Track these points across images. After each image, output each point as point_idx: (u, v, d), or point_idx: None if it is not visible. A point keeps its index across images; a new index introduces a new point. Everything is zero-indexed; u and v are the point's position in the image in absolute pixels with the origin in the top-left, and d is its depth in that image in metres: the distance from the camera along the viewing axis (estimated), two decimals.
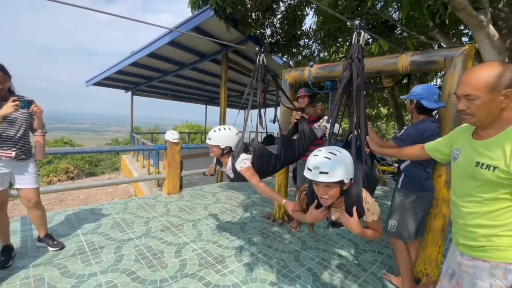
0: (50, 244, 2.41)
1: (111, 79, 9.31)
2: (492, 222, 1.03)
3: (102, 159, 18.06)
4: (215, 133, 2.13)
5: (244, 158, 2.09)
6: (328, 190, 1.34)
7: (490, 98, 1.00)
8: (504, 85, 0.98)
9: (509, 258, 0.98)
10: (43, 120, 2.25)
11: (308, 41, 6.44)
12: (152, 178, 4.85)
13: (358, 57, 1.67)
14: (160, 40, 5.84)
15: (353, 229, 1.39)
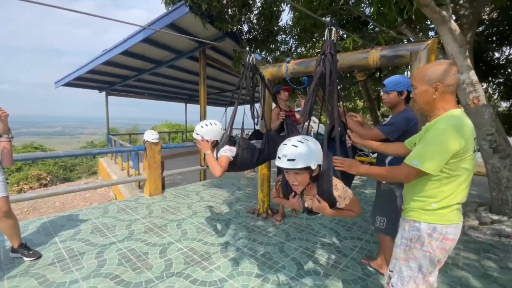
0: (26, 254, 2.31)
1: (82, 79, 8.88)
2: (412, 189, 1.30)
3: (78, 163, 17.23)
4: (202, 128, 2.23)
5: (226, 148, 2.19)
6: (297, 176, 1.41)
7: (424, 88, 1.25)
8: (436, 79, 1.21)
9: (415, 216, 1.26)
10: (8, 125, 2.15)
11: (285, 37, 6.52)
12: (132, 180, 4.73)
13: (330, 52, 1.74)
14: (133, 38, 5.66)
15: (325, 214, 1.50)
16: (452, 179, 1.18)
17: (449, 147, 1.12)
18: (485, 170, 3.57)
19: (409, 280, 1.27)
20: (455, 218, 1.22)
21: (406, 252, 1.29)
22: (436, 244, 1.21)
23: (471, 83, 3.29)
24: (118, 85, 9.76)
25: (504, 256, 2.52)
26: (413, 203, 1.28)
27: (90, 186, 3.98)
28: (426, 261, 1.23)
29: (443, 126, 1.16)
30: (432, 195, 1.21)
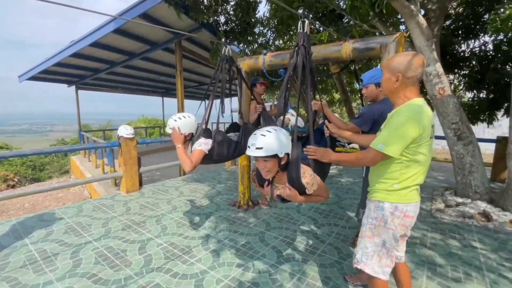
0: None
1: (49, 72, 8.32)
2: (376, 171, 1.40)
3: (48, 162, 16.28)
4: (175, 122, 2.17)
5: (201, 141, 2.16)
6: (266, 164, 1.49)
7: (388, 77, 1.33)
8: (398, 70, 1.29)
9: (379, 197, 1.36)
10: None
11: (262, 29, 6.49)
12: (107, 177, 4.56)
13: (304, 45, 1.76)
14: (103, 28, 5.36)
15: (294, 200, 1.58)
16: (412, 163, 1.28)
17: (409, 133, 1.21)
18: (450, 156, 3.84)
19: (373, 254, 1.38)
20: (414, 197, 1.33)
21: (371, 230, 1.39)
22: (398, 221, 1.32)
23: (437, 75, 3.48)
24: (89, 78, 9.26)
25: (467, 235, 2.75)
26: (378, 185, 1.38)
27: (62, 185, 3.79)
28: (389, 237, 1.34)
29: (404, 113, 1.24)
30: (394, 177, 1.31)
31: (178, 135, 2.11)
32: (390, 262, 1.38)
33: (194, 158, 2.08)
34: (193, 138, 2.26)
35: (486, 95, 5.04)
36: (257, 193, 4.01)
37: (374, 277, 1.38)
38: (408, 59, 1.28)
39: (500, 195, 3.46)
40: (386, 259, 1.37)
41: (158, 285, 1.94)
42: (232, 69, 2.67)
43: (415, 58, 1.27)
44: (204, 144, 2.16)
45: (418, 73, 1.27)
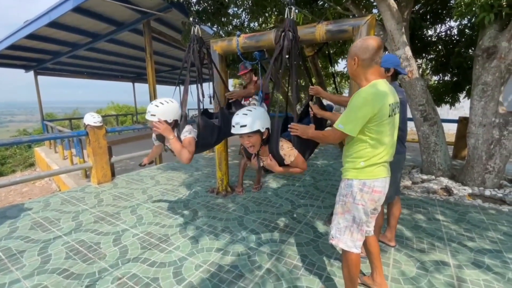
0: None
1: (2, 56, 7.51)
2: (346, 152, 1.47)
3: (9, 155, 15.03)
4: (157, 108, 1.99)
5: (188, 128, 2.13)
6: (250, 139, 1.72)
7: (349, 61, 1.42)
8: (355, 53, 1.35)
9: (348, 175, 1.44)
10: None
11: (236, 10, 6.25)
12: (75, 168, 4.30)
13: (289, 30, 1.86)
14: (61, 7, 4.89)
15: (275, 170, 1.82)
16: (375, 141, 1.35)
17: (364, 113, 1.28)
18: (417, 136, 4.07)
19: (345, 230, 1.45)
20: (381, 173, 1.40)
21: (342, 207, 1.46)
22: (367, 197, 1.39)
23: (406, 58, 3.60)
24: (49, 62, 8.50)
25: (431, 209, 2.96)
26: (346, 164, 1.46)
27: (25, 178, 3.52)
28: (359, 213, 1.41)
29: (361, 94, 1.31)
30: (360, 156, 1.38)
31: (166, 126, 1.97)
32: (360, 236, 1.45)
33: (190, 148, 2.03)
34: (178, 125, 2.13)
35: (450, 78, 5.33)
36: (236, 178, 4.01)
37: (347, 251, 1.45)
38: (363, 42, 1.34)
39: (460, 171, 3.76)
40: (357, 233, 1.43)
41: (135, 275, 1.90)
42: (203, 51, 2.54)
43: (370, 40, 1.32)
44: (192, 131, 2.11)
45: (373, 55, 1.31)
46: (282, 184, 3.74)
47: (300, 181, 3.89)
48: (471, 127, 3.51)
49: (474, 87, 3.43)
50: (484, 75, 3.30)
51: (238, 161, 5.06)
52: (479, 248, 2.20)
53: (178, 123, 2.14)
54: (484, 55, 3.27)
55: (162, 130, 1.98)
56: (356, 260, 1.45)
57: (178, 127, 2.15)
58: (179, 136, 2.11)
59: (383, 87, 1.32)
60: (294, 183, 3.80)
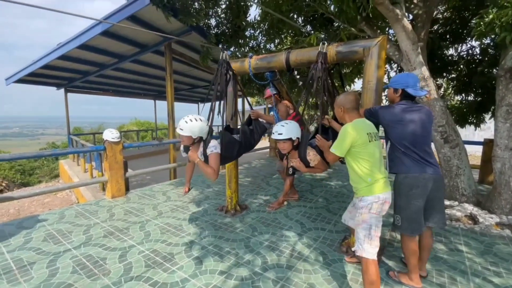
0: None
1: (36, 75, 8.18)
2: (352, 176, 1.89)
3: (37, 166, 15.96)
4: (186, 124, 2.30)
5: (214, 144, 2.44)
6: (284, 144, 2.33)
7: (337, 108, 1.97)
8: (341, 103, 1.92)
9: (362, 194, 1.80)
10: None
11: (253, 32, 6.48)
12: (92, 182, 4.45)
13: (321, 61, 2.31)
14: (91, 31, 5.29)
15: (301, 170, 2.38)
16: (365, 161, 1.77)
17: (347, 140, 1.77)
18: (438, 159, 3.86)
19: (364, 239, 1.74)
20: (387, 187, 1.80)
21: (359, 219, 1.79)
22: (381, 207, 1.76)
23: (423, 78, 3.50)
24: (78, 81, 9.12)
25: (453, 238, 2.74)
26: (356, 185, 1.85)
27: (45, 189, 3.68)
28: (373, 220, 1.74)
29: (346, 128, 1.79)
30: (365, 174, 1.78)
31: (194, 153, 2.36)
32: (377, 243, 1.74)
33: (215, 165, 2.36)
34: (203, 141, 2.43)
35: (474, 98, 5.10)
36: (246, 197, 3.96)
37: (367, 260, 1.71)
38: (346, 97, 1.91)
39: (487, 198, 3.48)
40: (375, 240, 1.73)
41: None
42: (229, 74, 2.89)
43: (350, 95, 1.92)
44: (218, 146, 2.43)
45: (353, 104, 1.89)
46: (293, 205, 3.63)
47: (312, 202, 3.76)
48: (496, 151, 3.28)
49: (498, 109, 3.25)
50: (508, 96, 3.12)
51: (249, 179, 5.02)
52: (507, 285, 1.98)
53: (203, 139, 2.44)
54: (507, 75, 3.12)
55: (190, 156, 2.37)
56: (376, 266, 1.71)
57: (204, 142, 2.44)
58: (205, 150, 2.40)
59: (360, 123, 1.83)
60: (305, 204, 3.68)
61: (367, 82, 2.18)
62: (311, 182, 4.75)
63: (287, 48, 6.17)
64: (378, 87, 2.19)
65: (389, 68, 5.90)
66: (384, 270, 2.18)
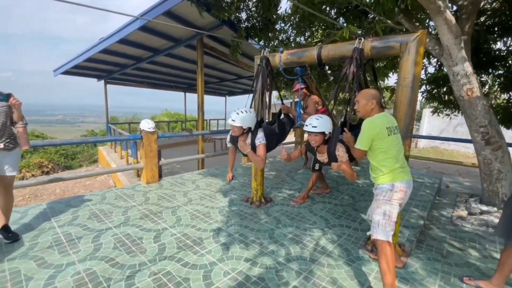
0: (4, 236, 2.39)
1: (80, 67, 8.86)
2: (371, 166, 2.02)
3: (79, 151, 17.37)
4: (238, 116, 2.57)
5: (261, 135, 2.72)
6: (315, 137, 2.44)
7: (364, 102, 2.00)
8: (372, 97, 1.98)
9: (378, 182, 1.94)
10: (21, 112, 2.29)
11: (283, 26, 6.43)
12: (129, 168, 4.80)
13: (356, 58, 2.30)
14: (130, 26, 5.61)
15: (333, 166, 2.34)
16: (385, 153, 1.89)
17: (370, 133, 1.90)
18: (477, 161, 3.62)
19: (378, 223, 1.85)
20: (404, 176, 1.88)
21: (375, 203, 1.92)
22: (396, 195, 1.86)
23: (465, 75, 3.28)
24: (117, 73, 9.73)
25: (489, 246, 2.60)
26: (374, 174, 1.99)
27: (89, 173, 4.06)
28: (387, 207, 1.85)
29: (367, 122, 1.92)
30: (381, 165, 1.91)
31: (245, 144, 2.62)
32: (392, 228, 1.83)
33: (264, 154, 2.63)
34: (251, 132, 2.68)
35: None
36: (270, 190, 4.04)
37: (382, 242, 1.80)
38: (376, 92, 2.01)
39: None
40: (389, 225, 1.82)
41: (169, 272, 2.04)
42: (268, 69, 3.09)
43: (377, 91, 2.04)
44: (264, 138, 2.67)
45: (380, 100, 2.01)
46: (318, 201, 3.64)
47: (338, 199, 3.74)
48: None
49: None
50: None
51: (274, 173, 5.09)
52: None
53: (251, 130, 2.70)
54: None
55: (241, 146, 2.61)
56: (391, 248, 1.80)
57: (252, 133, 2.72)
58: (253, 140, 2.66)
59: (380, 117, 1.93)
60: (331, 201, 3.67)
61: (403, 78, 2.11)
62: (337, 179, 4.70)
63: (317, 41, 6.05)
64: (414, 84, 2.11)
65: (427, 63, 5.56)
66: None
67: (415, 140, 14.29)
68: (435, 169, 8.31)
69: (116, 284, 1.90)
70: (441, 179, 4.81)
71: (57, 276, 1.98)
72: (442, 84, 5.13)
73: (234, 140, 2.88)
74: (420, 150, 13.33)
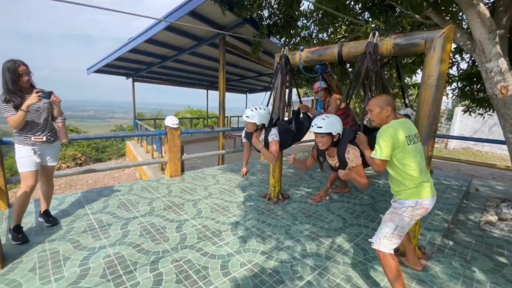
0: (45, 220, 2.68)
1: (111, 66, 9.38)
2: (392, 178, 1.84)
3: (108, 145, 18.44)
4: (252, 112, 2.64)
5: (275, 132, 2.73)
6: (322, 139, 2.17)
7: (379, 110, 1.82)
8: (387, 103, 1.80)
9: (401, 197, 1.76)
10: (61, 108, 2.54)
11: (306, 22, 6.36)
12: (154, 162, 5.06)
13: (369, 52, 2.20)
14: (156, 26, 5.86)
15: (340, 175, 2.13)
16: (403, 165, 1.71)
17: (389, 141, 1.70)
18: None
19: (385, 235, 1.75)
20: (429, 192, 1.72)
21: (390, 216, 1.78)
22: (417, 212, 1.71)
23: (499, 72, 3.07)
24: (144, 71, 10.18)
25: None
26: (396, 187, 1.80)
27: (118, 166, 4.34)
28: (403, 223, 1.73)
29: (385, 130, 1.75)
30: (404, 178, 1.73)
31: (257, 140, 2.67)
32: (398, 241, 1.75)
33: (276, 151, 2.64)
34: (264, 128, 2.72)
35: None
36: (288, 187, 4.07)
37: (385, 254, 1.72)
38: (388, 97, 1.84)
39: None
40: (396, 239, 1.74)
41: (189, 260, 2.17)
42: (287, 68, 3.11)
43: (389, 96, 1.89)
44: (277, 134, 2.70)
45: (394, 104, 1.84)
46: (336, 200, 3.62)
47: (357, 199, 3.69)
48: None
49: None
50: None
51: (292, 170, 5.10)
52: None
53: (265, 126, 2.73)
54: None
55: (254, 142, 2.64)
56: (394, 259, 1.72)
57: (266, 129, 2.75)
58: (267, 137, 2.70)
59: (399, 124, 1.74)
60: (349, 200, 3.63)
61: (427, 76, 2.05)
62: None
63: (340, 37, 5.93)
64: (439, 82, 2.04)
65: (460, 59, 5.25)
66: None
67: (445, 140, 13.53)
68: (466, 171, 7.85)
69: (141, 268, 2.06)
70: (470, 182, 4.56)
71: (91, 257, 2.17)
72: (475, 81, 4.84)
73: (248, 136, 2.95)
74: (450, 151, 12.60)
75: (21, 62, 2.24)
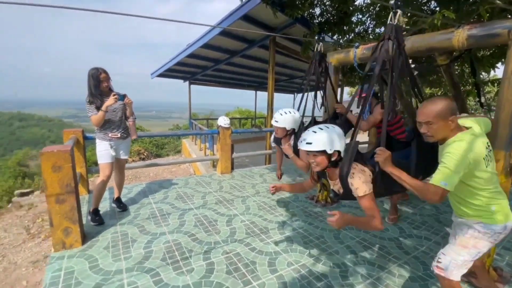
0: (117, 206, 3.07)
1: (171, 70, 10.28)
2: (467, 199, 1.47)
3: (166, 142, 20.25)
4: (281, 116, 2.46)
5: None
6: (315, 158, 1.58)
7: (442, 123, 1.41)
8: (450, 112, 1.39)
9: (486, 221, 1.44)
10: (132, 109, 2.93)
11: (361, 17, 6.02)
12: (207, 159, 5.40)
13: (390, 38, 1.69)
14: (212, 32, 6.22)
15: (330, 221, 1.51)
16: (483, 190, 1.41)
17: (462, 165, 1.33)
18: None
19: (461, 264, 1.47)
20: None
21: (472, 241, 1.47)
22: (501, 236, 1.47)
23: None
24: (199, 74, 10.91)
25: None
26: (476, 213, 1.46)
27: (176, 161, 4.78)
28: (486, 249, 1.48)
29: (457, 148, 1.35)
30: (484, 206, 1.43)
31: (288, 148, 2.46)
32: (470, 265, 1.51)
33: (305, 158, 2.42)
34: (294, 134, 2.55)
35: None
36: None
37: (453, 281, 1.48)
38: (450, 103, 1.41)
39: None
40: (469, 264, 1.49)
41: (238, 254, 2.27)
42: (322, 65, 2.88)
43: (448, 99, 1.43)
44: None
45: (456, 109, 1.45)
46: None
47: (417, 208, 3.37)
48: None
49: None
50: None
51: None
52: None
53: (295, 131, 2.54)
54: None
55: (285, 150, 2.45)
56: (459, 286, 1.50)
57: (295, 135, 2.54)
58: (296, 143, 2.48)
59: (476, 142, 1.36)
60: (408, 209, 3.33)
61: (511, 72, 1.77)
62: None
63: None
64: None
65: None
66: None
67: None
68: None
69: (196, 256, 2.23)
70: None
71: (153, 241, 2.44)
72: None
73: (278, 142, 2.73)
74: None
75: (102, 70, 2.64)
